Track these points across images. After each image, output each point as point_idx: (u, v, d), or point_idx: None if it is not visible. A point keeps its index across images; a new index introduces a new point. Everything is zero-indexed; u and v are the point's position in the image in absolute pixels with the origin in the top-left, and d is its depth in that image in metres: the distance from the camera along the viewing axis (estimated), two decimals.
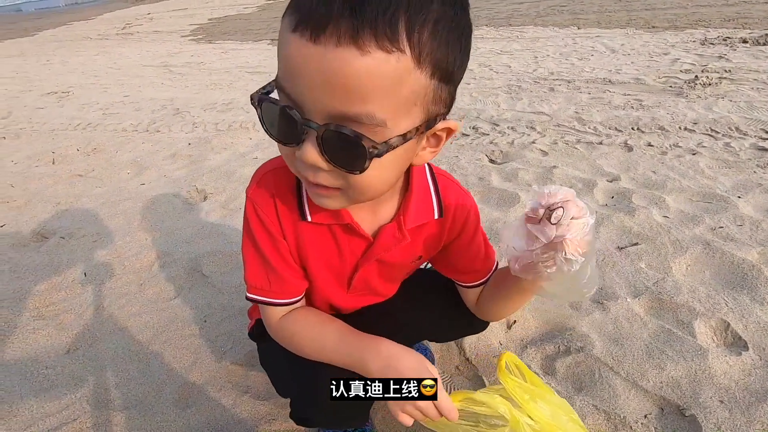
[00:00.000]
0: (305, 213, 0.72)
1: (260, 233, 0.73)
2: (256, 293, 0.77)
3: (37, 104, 4.18)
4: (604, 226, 1.74)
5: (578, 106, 3.04)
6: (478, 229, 0.85)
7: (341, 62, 0.45)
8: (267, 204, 0.72)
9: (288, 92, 0.51)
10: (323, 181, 0.56)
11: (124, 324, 1.46)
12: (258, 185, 0.73)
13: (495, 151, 2.51)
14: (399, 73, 0.47)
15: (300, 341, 0.78)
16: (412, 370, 0.68)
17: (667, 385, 1.10)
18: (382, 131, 0.50)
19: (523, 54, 4.60)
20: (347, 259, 0.78)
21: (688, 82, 3.25)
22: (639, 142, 2.44)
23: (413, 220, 0.75)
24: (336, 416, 0.85)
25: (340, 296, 0.86)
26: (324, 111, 0.49)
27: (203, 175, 2.48)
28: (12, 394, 1.23)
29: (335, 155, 0.52)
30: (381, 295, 0.92)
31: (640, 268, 1.51)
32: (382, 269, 0.84)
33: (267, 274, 0.75)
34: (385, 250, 0.77)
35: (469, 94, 3.49)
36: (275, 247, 0.74)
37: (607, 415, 1.04)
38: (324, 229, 0.75)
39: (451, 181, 0.82)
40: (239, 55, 5.79)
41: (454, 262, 0.86)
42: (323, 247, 0.77)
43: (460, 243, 0.83)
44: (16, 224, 2.12)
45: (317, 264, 0.78)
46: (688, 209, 1.81)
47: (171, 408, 1.16)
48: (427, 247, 0.83)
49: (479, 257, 0.85)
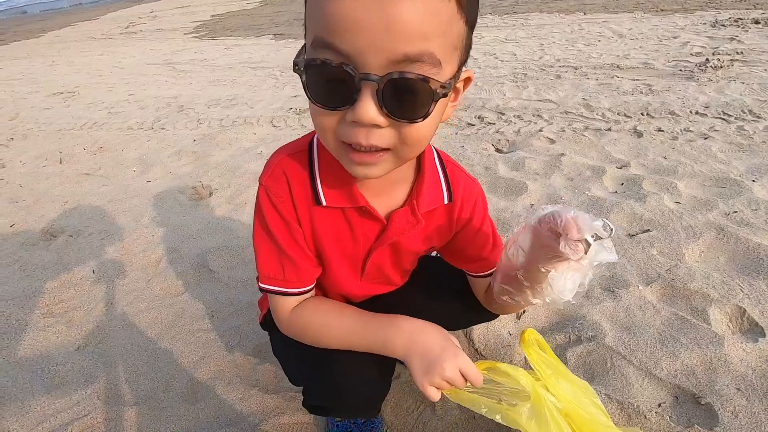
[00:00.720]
0: (320, 197, 0.71)
1: (274, 220, 0.72)
2: (269, 283, 0.75)
3: (44, 105, 4.21)
4: (615, 213, 1.70)
5: (586, 92, 2.99)
6: (486, 217, 0.84)
7: (403, 2, 0.46)
8: (282, 190, 0.71)
9: (339, 48, 0.48)
10: (377, 141, 0.54)
11: (132, 320, 1.46)
12: (272, 172, 0.72)
13: (501, 141, 2.47)
14: (450, 14, 0.50)
15: (316, 331, 0.76)
16: (436, 342, 0.69)
17: (682, 373, 1.08)
18: (438, 73, 0.51)
19: (528, 41, 4.53)
20: (361, 242, 0.78)
21: (699, 65, 3.18)
22: (649, 128, 2.39)
23: (426, 204, 0.74)
24: (352, 404, 0.85)
25: (353, 284, 0.85)
26: (384, 59, 0.48)
27: (208, 171, 2.48)
28: (24, 391, 1.24)
29: (396, 106, 0.51)
30: (392, 283, 0.92)
31: (652, 255, 1.48)
32: (395, 256, 0.83)
33: (281, 261, 0.74)
34: (398, 234, 0.76)
35: (474, 83, 3.44)
36: (290, 234, 0.73)
37: (620, 405, 1.03)
38: (338, 214, 0.74)
39: (459, 168, 0.81)
40: (242, 51, 5.77)
41: (462, 250, 0.85)
42: (337, 232, 0.76)
43: (468, 230, 0.82)
44: (25, 223, 2.13)
45: (332, 249, 0.77)
46: (700, 194, 1.77)
47: (180, 403, 1.16)
48: (440, 234, 0.82)
49: (487, 245, 0.84)
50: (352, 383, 0.79)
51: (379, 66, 0.48)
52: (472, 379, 0.68)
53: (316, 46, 0.50)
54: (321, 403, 0.86)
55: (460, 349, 0.69)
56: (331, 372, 0.78)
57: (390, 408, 1.10)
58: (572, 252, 0.54)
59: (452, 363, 0.67)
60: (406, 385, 1.14)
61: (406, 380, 1.15)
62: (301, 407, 1.10)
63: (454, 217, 0.80)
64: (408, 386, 1.14)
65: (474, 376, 0.68)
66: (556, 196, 1.87)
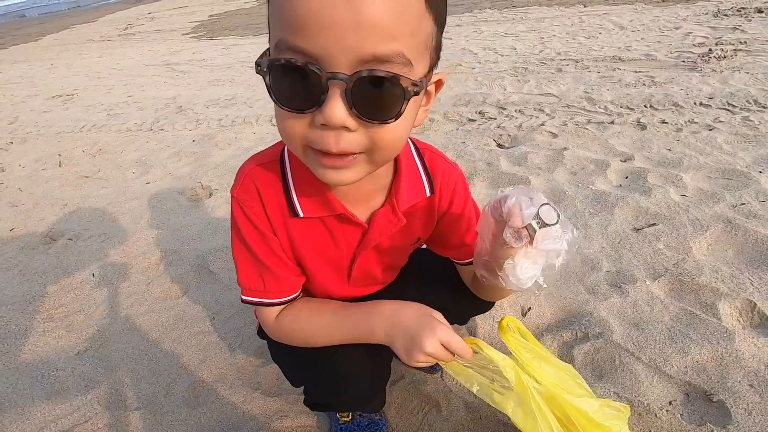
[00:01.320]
0: (296, 209, 0.69)
1: (250, 232, 0.71)
2: (250, 294, 0.74)
3: (43, 108, 4.19)
4: (619, 207, 1.68)
5: (587, 85, 2.96)
6: (468, 201, 0.82)
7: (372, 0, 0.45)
8: (254, 202, 0.69)
9: (304, 48, 0.47)
10: (347, 146, 0.52)
11: (133, 323, 1.45)
12: (243, 184, 0.70)
13: (503, 136, 2.44)
14: (420, 13, 0.49)
15: (302, 336, 0.76)
16: (413, 319, 0.67)
17: (692, 369, 1.05)
18: (410, 72, 0.50)
19: (528, 35, 4.49)
20: (344, 249, 0.76)
21: (702, 56, 3.14)
22: (652, 120, 2.36)
23: (406, 201, 0.73)
24: (350, 398, 0.84)
25: (342, 289, 0.83)
26: (353, 58, 0.46)
27: (208, 171, 2.46)
28: (24, 397, 1.23)
29: (366, 106, 0.49)
30: (383, 282, 0.90)
31: (659, 249, 1.45)
32: (381, 256, 0.81)
33: (260, 274, 0.73)
34: (380, 235, 0.74)
35: (474, 78, 3.41)
36: (267, 245, 0.71)
37: (630, 403, 1.00)
38: (316, 223, 0.72)
39: (437, 155, 0.79)
40: (240, 51, 5.74)
41: (445, 236, 0.83)
42: (318, 241, 0.74)
43: (449, 216, 0.80)
44: (24, 227, 2.12)
45: (314, 259, 0.76)
46: (706, 187, 1.74)
47: (182, 407, 1.15)
48: (423, 225, 0.81)
49: (470, 231, 0.81)
50: (348, 378, 0.78)
51: (348, 65, 0.47)
52: (457, 351, 0.66)
53: (280, 47, 0.48)
54: (320, 401, 0.86)
55: (440, 322, 0.67)
56: (326, 369, 0.77)
57: (394, 409, 1.08)
58: (514, 240, 0.54)
59: (431, 338, 0.65)
60: (410, 386, 1.12)
61: (410, 381, 1.14)
62: (304, 410, 1.10)
63: (435, 206, 0.79)
64: (413, 387, 1.12)
65: (459, 348, 0.66)
66: (560, 190, 1.84)
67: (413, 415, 1.06)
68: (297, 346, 0.76)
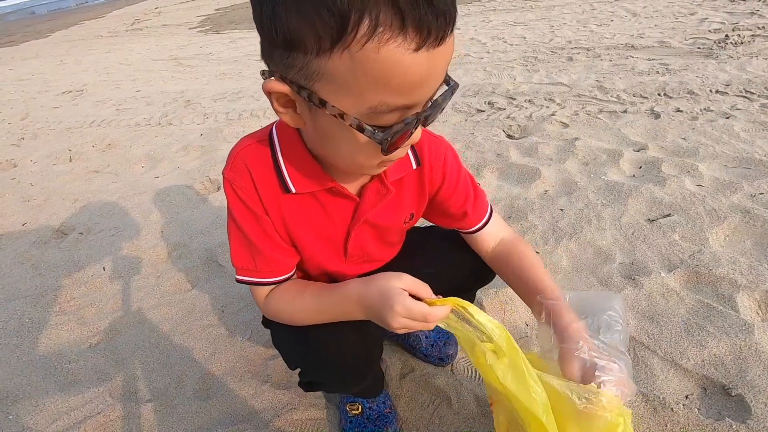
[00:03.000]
0: (288, 185, 0.70)
1: (241, 213, 0.71)
2: (242, 274, 0.76)
3: (53, 104, 4.23)
4: (633, 197, 1.64)
5: (599, 74, 2.89)
6: (461, 170, 0.83)
7: (449, 48, 0.49)
8: (245, 182, 0.70)
9: (405, 103, 0.51)
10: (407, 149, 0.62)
11: (143, 317, 1.46)
12: (233, 165, 0.71)
13: (512, 126, 2.41)
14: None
15: (288, 317, 0.77)
16: (376, 298, 0.65)
17: (710, 363, 1.03)
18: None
19: (538, 24, 4.41)
20: (338, 224, 0.77)
21: (718, 42, 3.05)
22: (667, 109, 2.30)
23: (393, 172, 0.74)
24: (339, 375, 0.84)
25: (339, 266, 0.84)
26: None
27: (216, 165, 2.46)
28: (38, 389, 1.24)
29: (428, 120, 0.57)
30: (380, 260, 0.91)
31: (674, 240, 1.42)
32: (376, 233, 0.82)
33: (251, 254, 0.74)
34: (372, 206, 0.75)
35: (483, 68, 3.36)
36: (259, 225, 0.72)
37: (645, 397, 0.98)
38: (309, 198, 0.73)
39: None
40: (247, 44, 5.73)
41: (445, 209, 0.84)
42: (312, 217, 0.75)
43: (445, 188, 0.81)
44: (36, 222, 2.14)
45: (309, 235, 0.76)
46: (723, 176, 1.69)
47: (192, 399, 1.15)
48: (414, 200, 0.81)
49: (469, 199, 0.83)
50: (334, 354, 0.78)
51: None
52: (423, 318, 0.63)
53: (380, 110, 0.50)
54: (312, 379, 0.86)
55: (398, 295, 0.63)
56: (313, 344, 0.77)
57: (404, 402, 1.07)
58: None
59: (395, 317, 0.62)
60: (421, 379, 1.11)
61: (421, 374, 1.13)
62: (314, 403, 1.09)
63: (426, 181, 0.79)
64: (423, 380, 1.11)
65: (423, 316, 0.63)
66: (571, 181, 1.81)
67: (423, 409, 1.05)
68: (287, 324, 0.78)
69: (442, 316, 0.64)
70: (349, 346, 0.78)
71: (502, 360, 0.62)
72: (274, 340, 0.89)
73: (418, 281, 0.66)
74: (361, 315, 0.69)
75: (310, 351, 0.79)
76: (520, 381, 0.60)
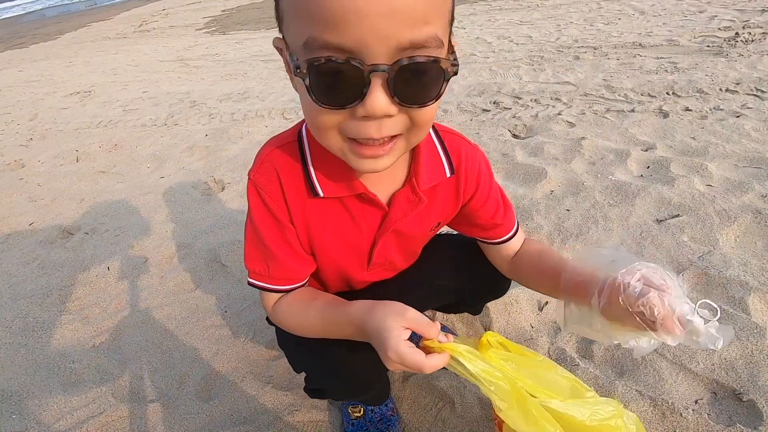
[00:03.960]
0: (316, 189, 0.67)
1: (263, 217, 0.70)
2: (256, 278, 0.74)
3: (62, 105, 4.26)
4: (641, 198, 1.61)
5: (606, 73, 2.86)
6: (493, 182, 0.81)
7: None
8: (272, 186, 0.68)
9: (340, 43, 0.46)
10: (389, 131, 0.53)
11: (146, 316, 1.46)
12: (260, 167, 0.69)
13: (518, 126, 2.38)
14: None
15: (294, 327, 0.75)
16: (374, 334, 0.61)
17: (720, 367, 1.00)
18: (442, 52, 0.50)
19: (544, 23, 4.37)
20: (364, 232, 0.74)
21: (728, 40, 3.01)
22: (675, 107, 2.27)
23: (426, 181, 0.71)
24: (347, 385, 0.83)
25: (360, 274, 0.82)
26: (390, 47, 0.46)
27: (221, 165, 2.47)
28: (42, 389, 1.24)
29: (407, 92, 0.50)
30: (398, 269, 0.89)
31: (683, 241, 1.39)
32: (402, 242, 0.80)
33: (266, 258, 0.72)
34: (402, 216, 0.73)
35: (488, 68, 3.34)
36: (279, 231, 0.70)
37: (653, 401, 0.96)
38: (336, 204, 0.71)
39: (457, 136, 0.77)
40: (253, 45, 5.75)
41: (475, 219, 0.82)
42: (337, 223, 0.72)
43: (477, 198, 0.79)
44: (43, 221, 2.16)
45: (332, 241, 0.74)
46: (734, 176, 1.66)
47: (194, 400, 1.15)
48: (444, 210, 0.79)
49: (499, 211, 0.81)
50: (344, 364, 0.77)
51: (387, 55, 0.46)
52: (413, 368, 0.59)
53: (311, 46, 0.47)
54: (319, 386, 0.85)
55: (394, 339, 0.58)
56: (322, 353, 0.76)
57: (407, 405, 1.06)
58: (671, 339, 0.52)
59: (388, 362, 0.59)
60: (424, 381, 1.10)
61: (424, 376, 1.11)
62: (316, 404, 1.08)
63: (461, 191, 0.77)
64: (426, 382, 1.10)
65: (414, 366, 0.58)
66: (578, 181, 1.79)
67: (426, 411, 1.04)
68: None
69: (439, 366, 0.60)
70: (359, 356, 0.75)
71: (510, 407, 0.59)
72: (280, 341, 0.88)
73: (421, 319, 0.61)
74: (362, 339, 0.66)
75: (319, 360, 0.77)
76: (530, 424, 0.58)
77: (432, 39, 0.47)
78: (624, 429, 0.64)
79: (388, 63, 0.47)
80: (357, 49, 0.46)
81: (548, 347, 1.14)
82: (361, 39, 0.45)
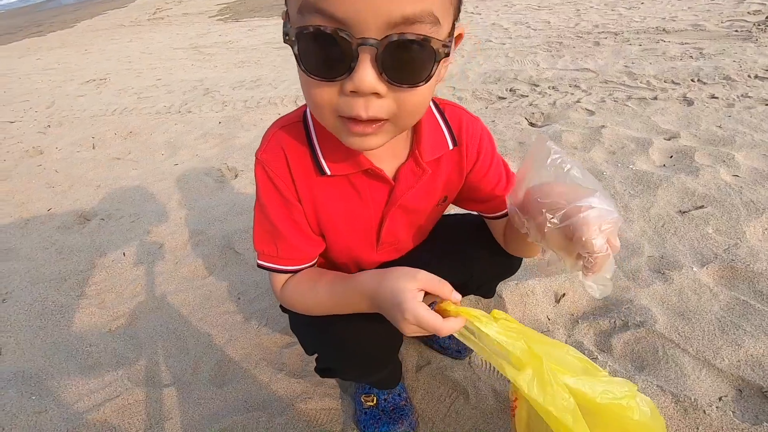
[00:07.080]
0: (323, 167, 0.67)
1: (271, 197, 0.70)
2: (265, 260, 0.74)
3: (78, 92, 4.30)
4: (663, 188, 1.56)
5: (628, 59, 2.77)
6: (495, 153, 0.80)
7: None
8: (280, 165, 0.68)
9: (332, 12, 0.45)
10: (377, 113, 0.51)
11: (161, 302, 1.47)
12: (268, 146, 0.69)
13: (535, 114, 2.33)
14: None
15: (303, 307, 0.75)
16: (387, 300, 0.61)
17: (746, 363, 0.97)
18: (438, 31, 0.48)
19: (563, 8, 4.25)
20: (372, 208, 0.74)
21: (758, 24, 2.88)
22: (700, 95, 2.19)
23: (429, 153, 0.71)
24: (358, 364, 0.83)
25: (369, 255, 0.82)
26: (382, 22, 0.45)
27: (234, 152, 2.46)
28: (61, 371, 1.27)
29: (396, 71, 0.49)
30: (407, 249, 0.88)
31: (707, 233, 1.34)
32: (410, 218, 0.80)
33: (275, 239, 0.72)
34: (408, 188, 0.73)
35: (505, 54, 3.26)
36: (288, 211, 0.70)
37: (675, 397, 0.93)
38: (343, 181, 0.70)
39: (457, 108, 0.76)
40: (266, 32, 5.72)
41: (474, 190, 0.81)
42: (345, 202, 0.72)
43: (479, 168, 0.78)
44: (61, 207, 2.19)
45: (340, 221, 0.74)
46: (762, 166, 1.60)
47: (208, 385, 1.16)
48: (449, 183, 0.78)
49: (500, 182, 0.80)
50: (354, 342, 0.77)
51: (377, 29, 0.46)
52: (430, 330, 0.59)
53: (305, 11, 0.46)
54: (329, 365, 0.85)
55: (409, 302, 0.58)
56: (333, 331, 0.76)
57: (420, 395, 1.05)
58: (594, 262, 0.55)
59: (404, 325, 0.59)
60: (437, 372, 1.09)
61: (437, 366, 1.10)
62: (329, 392, 1.08)
63: (463, 163, 0.76)
64: (440, 373, 1.08)
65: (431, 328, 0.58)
66: (597, 170, 1.74)
67: (440, 402, 1.03)
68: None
69: (455, 329, 0.60)
70: (369, 334, 0.75)
71: (524, 371, 0.58)
72: (292, 325, 0.88)
73: (434, 278, 0.61)
74: (374, 311, 0.66)
75: (329, 338, 0.78)
76: (546, 390, 0.57)
77: (426, 15, 0.46)
78: (636, 410, 0.62)
79: (377, 38, 0.46)
80: (348, 20, 0.45)
81: (565, 340, 1.12)
82: (352, 10, 0.44)
